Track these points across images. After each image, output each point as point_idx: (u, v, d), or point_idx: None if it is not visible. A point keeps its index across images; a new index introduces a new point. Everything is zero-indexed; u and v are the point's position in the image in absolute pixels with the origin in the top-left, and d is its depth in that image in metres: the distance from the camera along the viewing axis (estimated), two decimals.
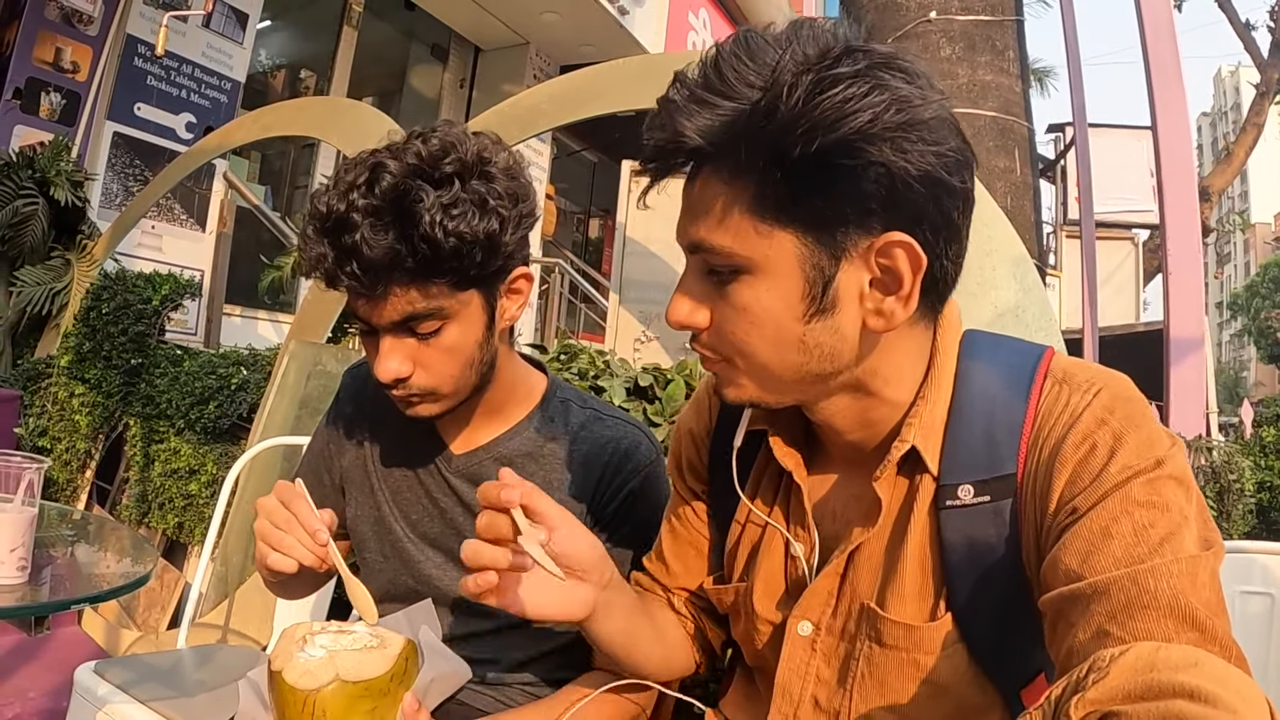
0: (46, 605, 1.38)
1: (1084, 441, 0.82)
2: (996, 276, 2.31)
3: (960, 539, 0.89)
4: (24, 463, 1.39)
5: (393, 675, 0.95)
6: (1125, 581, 0.71)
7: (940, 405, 0.91)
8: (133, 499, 3.96)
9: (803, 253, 0.81)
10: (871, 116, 0.75)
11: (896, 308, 0.83)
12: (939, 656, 0.91)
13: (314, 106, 5.14)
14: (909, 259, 0.81)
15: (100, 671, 1.97)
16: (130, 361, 4.22)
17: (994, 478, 0.88)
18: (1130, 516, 0.75)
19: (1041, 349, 0.94)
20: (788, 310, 0.83)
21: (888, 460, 0.91)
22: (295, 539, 1.07)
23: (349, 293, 1.15)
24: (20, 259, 5.13)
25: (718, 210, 0.83)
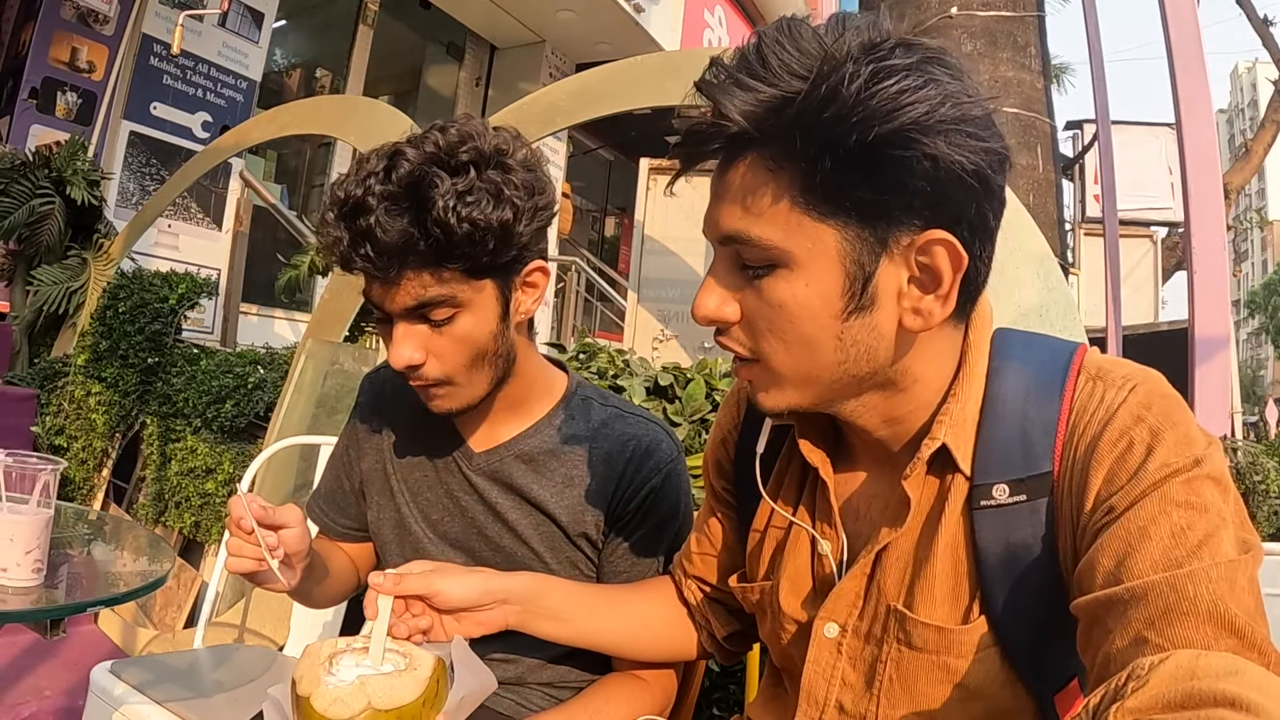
0: (62, 608, 1.37)
1: (1121, 438, 0.80)
2: (1020, 275, 2.28)
3: (995, 540, 0.87)
4: (40, 464, 1.38)
5: (424, 700, 0.93)
6: (1164, 587, 0.69)
7: (972, 404, 0.89)
8: (149, 498, 3.97)
9: (844, 247, 0.79)
10: (927, 110, 0.74)
11: (935, 306, 0.82)
12: (971, 660, 0.89)
13: (330, 105, 5.14)
14: (950, 257, 0.79)
15: (116, 671, 1.97)
16: (147, 360, 4.23)
17: (1030, 476, 0.86)
18: (1168, 518, 0.73)
19: (1074, 345, 0.92)
20: (826, 307, 0.81)
21: (917, 459, 0.89)
22: (241, 540, 1.11)
23: (365, 277, 1.16)
24: (37, 258, 5.15)
25: (758, 200, 0.80)
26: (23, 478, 1.36)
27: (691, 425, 2.30)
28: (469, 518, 1.34)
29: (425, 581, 1.05)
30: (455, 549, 1.35)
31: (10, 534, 1.33)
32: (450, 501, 1.35)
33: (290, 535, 1.14)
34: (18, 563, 1.34)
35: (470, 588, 1.08)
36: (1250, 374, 51.28)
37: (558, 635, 1.17)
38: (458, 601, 1.07)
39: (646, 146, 7.31)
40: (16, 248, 5.22)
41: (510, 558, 1.31)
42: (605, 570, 1.32)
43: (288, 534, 1.14)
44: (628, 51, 3.80)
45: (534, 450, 1.32)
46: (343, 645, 0.98)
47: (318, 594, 1.36)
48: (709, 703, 1.83)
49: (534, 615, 1.14)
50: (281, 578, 1.14)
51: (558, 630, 1.17)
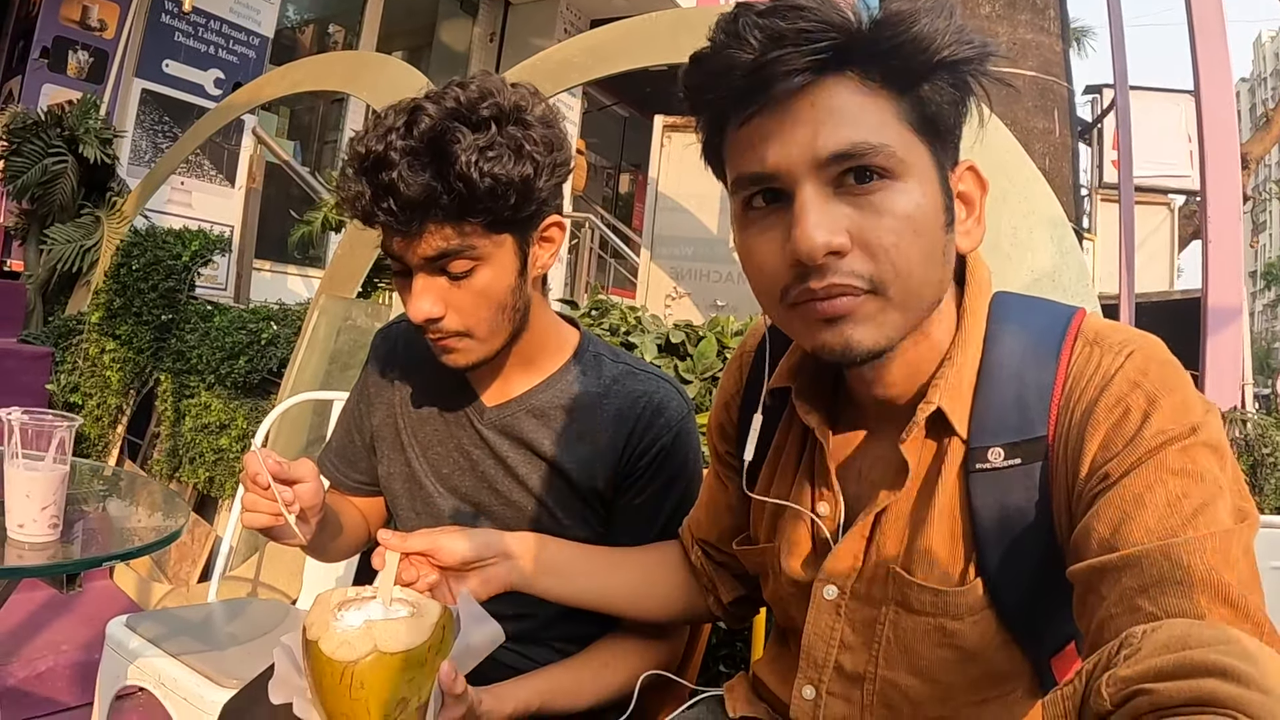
0: (78, 563, 1.39)
1: (1117, 404, 0.80)
2: (1034, 239, 2.27)
3: (990, 503, 0.88)
4: (55, 421, 1.39)
5: (430, 645, 0.94)
6: (1158, 555, 0.69)
7: (968, 367, 0.90)
8: (164, 454, 4.00)
9: (934, 164, 0.83)
10: (990, 41, 0.82)
11: (975, 228, 0.88)
12: (967, 622, 0.90)
13: (343, 61, 5.10)
14: (977, 182, 0.88)
15: (132, 625, 2.00)
16: (161, 317, 4.25)
17: (1024, 440, 0.86)
18: (1164, 485, 0.73)
19: (1073, 310, 0.92)
20: (937, 219, 0.82)
21: (913, 423, 0.90)
22: (257, 495, 1.12)
23: (385, 231, 1.17)
24: (50, 217, 5.15)
25: (866, 114, 0.80)
26: (39, 434, 1.38)
27: (703, 383, 2.30)
28: (479, 472, 1.34)
29: (429, 538, 1.07)
30: (465, 503, 1.35)
31: (26, 490, 1.35)
32: (461, 455, 1.36)
33: (305, 489, 1.15)
34: (34, 518, 1.36)
35: (472, 540, 1.10)
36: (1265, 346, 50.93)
37: (561, 592, 1.18)
38: (459, 555, 1.08)
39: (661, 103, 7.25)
40: (30, 207, 5.23)
41: (520, 512, 1.32)
42: (614, 527, 1.33)
43: (302, 488, 1.15)
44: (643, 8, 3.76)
45: (545, 405, 1.32)
46: (352, 594, 0.98)
47: (330, 548, 1.38)
48: (716, 659, 1.84)
49: (537, 571, 1.15)
50: (298, 532, 1.15)
51: (561, 587, 1.18)
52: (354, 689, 0.88)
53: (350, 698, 0.89)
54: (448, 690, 0.95)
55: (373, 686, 0.89)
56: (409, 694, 0.92)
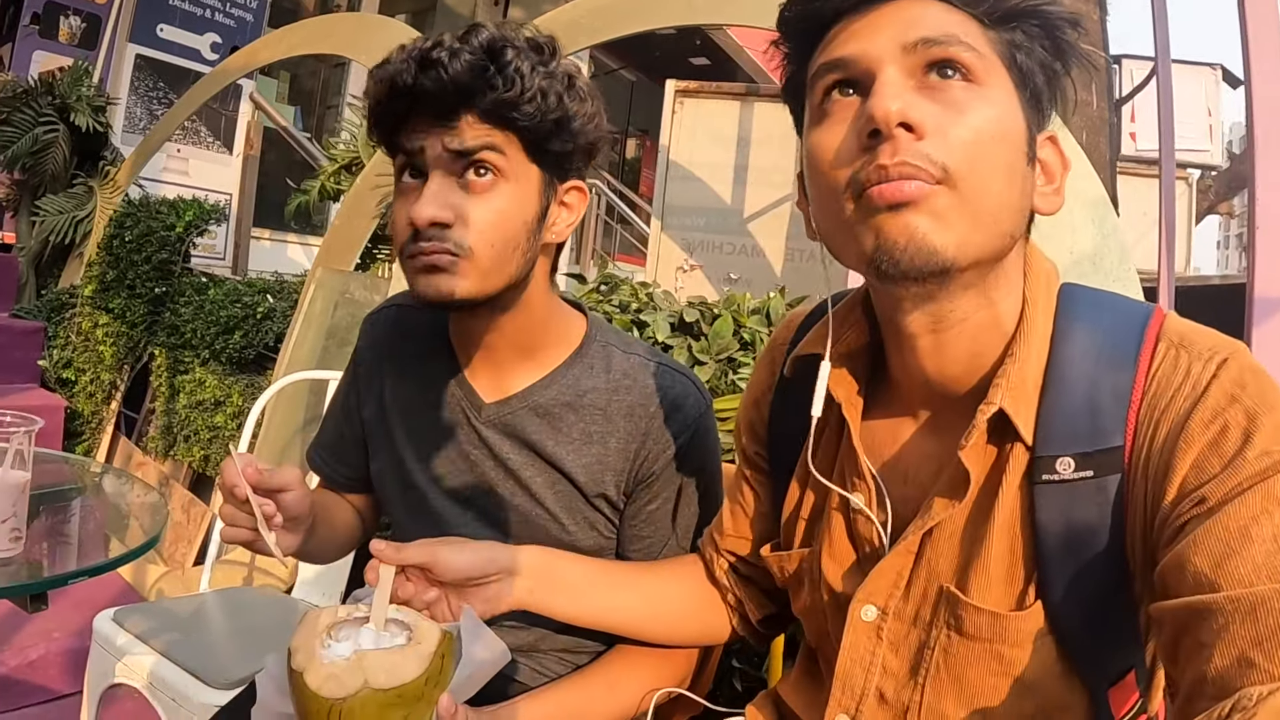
0: (39, 583, 1.29)
1: (1214, 420, 0.73)
2: (1074, 219, 2.16)
3: (1056, 518, 0.81)
4: (13, 424, 1.28)
5: (428, 677, 0.86)
6: (1276, 604, 0.61)
7: (1033, 365, 0.83)
8: (159, 431, 3.98)
9: (1019, 100, 0.79)
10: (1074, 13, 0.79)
11: (1054, 198, 0.83)
12: (1026, 650, 0.83)
13: (343, 24, 5.00)
14: (1059, 157, 0.83)
15: (119, 620, 1.96)
16: (155, 290, 4.21)
17: (1098, 450, 0.79)
18: (1272, 518, 0.66)
19: (1150, 307, 0.85)
20: (1019, 140, 0.79)
21: (973, 426, 0.82)
22: (235, 508, 1.05)
23: (415, 119, 1.09)
24: (42, 187, 5.13)
25: (957, 24, 0.79)
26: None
27: (718, 364, 2.20)
28: (479, 473, 1.25)
29: (427, 550, 1.00)
30: (463, 507, 1.27)
31: None
32: (458, 456, 1.26)
33: (289, 499, 1.07)
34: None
35: (475, 555, 1.03)
36: None
37: (571, 612, 1.12)
38: (460, 570, 1.01)
39: (671, 67, 7.13)
40: (21, 177, 5.20)
41: (524, 518, 1.23)
42: (626, 534, 1.25)
43: (286, 498, 1.07)
44: None
45: (549, 402, 1.23)
46: (344, 614, 0.91)
47: (319, 553, 1.31)
48: (731, 676, 1.77)
49: (545, 589, 1.09)
50: (276, 551, 1.07)
51: (572, 606, 1.11)
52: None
53: None
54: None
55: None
56: None
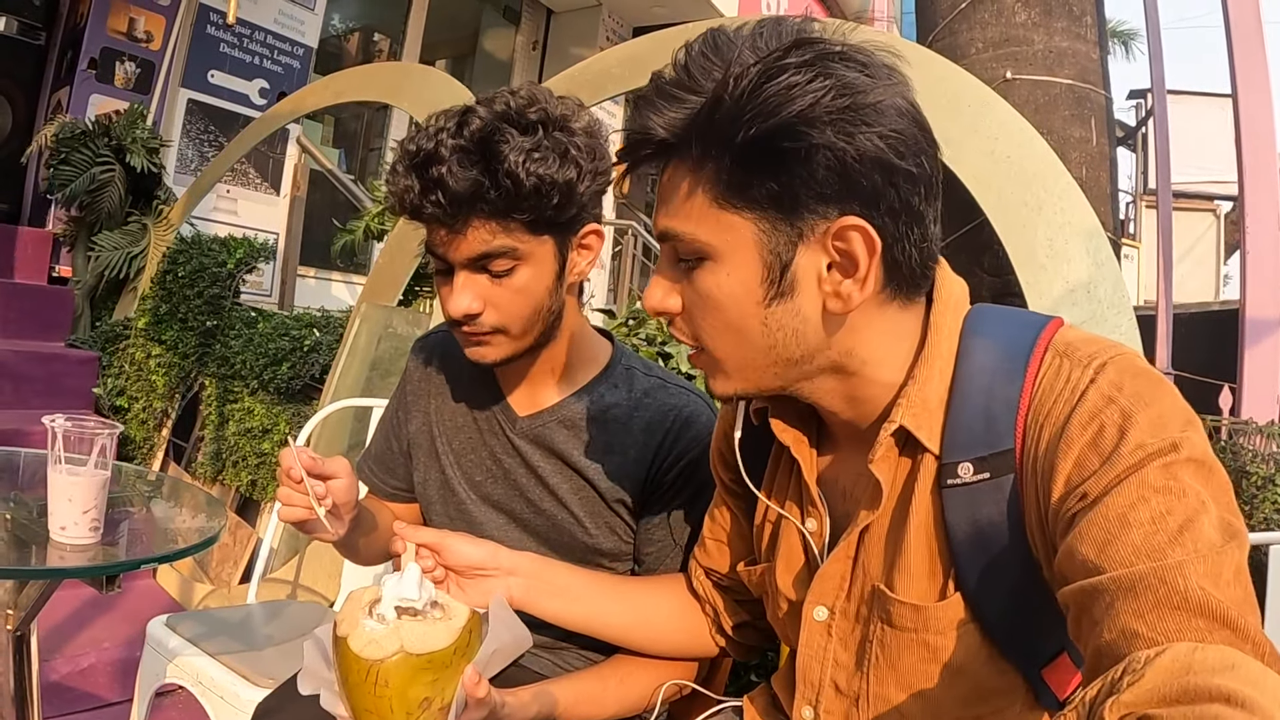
0: (116, 565, 1.43)
1: (1091, 421, 0.79)
2: (1069, 250, 2.25)
3: (963, 518, 0.88)
4: (97, 428, 1.43)
5: (456, 648, 0.96)
6: (1151, 579, 0.67)
7: (935, 383, 0.90)
8: (207, 457, 4.06)
9: (761, 238, 0.84)
10: (812, 101, 0.78)
11: (853, 290, 0.85)
12: (950, 637, 0.91)
13: (384, 72, 5.16)
14: (864, 242, 0.83)
15: (172, 625, 2.03)
16: (206, 323, 4.31)
17: (992, 454, 0.86)
18: (1147, 504, 0.72)
19: (1047, 320, 0.92)
20: (748, 294, 0.86)
21: (879, 442, 0.91)
22: (291, 489, 1.16)
23: (430, 227, 1.22)
24: (98, 224, 5.22)
25: (681, 199, 0.87)
26: (81, 440, 1.42)
27: None
28: (511, 480, 1.36)
29: (439, 535, 1.14)
30: (497, 510, 1.38)
31: (69, 494, 1.39)
32: (494, 464, 1.38)
33: (338, 485, 1.18)
34: (75, 521, 1.40)
35: (479, 549, 1.17)
36: None
37: (561, 615, 1.21)
38: (464, 558, 1.15)
39: None
40: (78, 214, 5.31)
41: (551, 521, 1.34)
42: (641, 539, 1.34)
43: (336, 484, 1.18)
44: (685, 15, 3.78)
45: (576, 416, 1.34)
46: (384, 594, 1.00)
47: (364, 548, 1.40)
48: (749, 669, 1.84)
49: (538, 590, 1.19)
50: (329, 526, 1.18)
51: (562, 609, 1.21)
52: (378, 686, 0.91)
53: (375, 695, 0.91)
54: (470, 693, 0.97)
55: (397, 685, 0.91)
56: (432, 694, 0.94)
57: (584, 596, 1.23)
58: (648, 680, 1.27)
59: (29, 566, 1.38)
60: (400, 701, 0.92)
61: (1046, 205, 2.31)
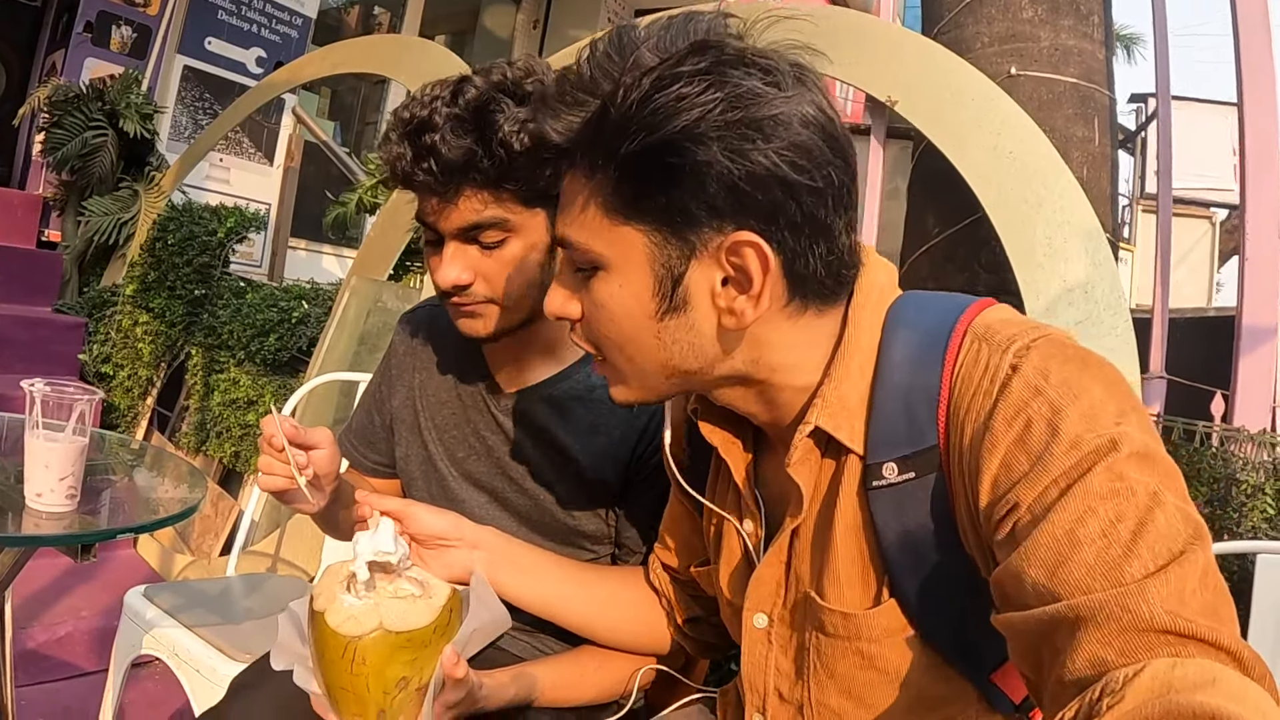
0: (91, 534, 1.41)
1: (1016, 416, 0.73)
2: (1068, 249, 2.24)
3: (892, 521, 0.84)
4: (77, 393, 1.41)
5: (436, 627, 0.95)
6: (1114, 607, 0.62)
7: (855, 380, 0.86)
8: (192, 427, 4.04)
9: (652, 251, 0.82)
10: (700, 115, 0.75)
11: (747, 307, 0.82)
12: (887, 645, 0.87)
13: (383, 45, 5.12)
14: (758, 259, 0.79)
15: (150, 596, 2.02)
16: (194, 292, 4.29)
17: (916, 452, 0.82)
18: (1095, 515, 0.66)
19: (969, 301, 0.86)
20: (640, 307, 0.84)
21: (794, 445, 0.87)
22: (272, 458, 1.14)
23: (421, 195, 1.19)
24: (89, 189, 5.21)
25: (576, 207, 0.85)
26: (59, 406, 1.39)
27: None
28: (494, 457, 1.35)
29: (403, 504, 1.12)
30: (479, 489, 1.36)
31: (45, 460, 1.36)
32: (476, 440, 1.36)
33: (320, 456, 1.17)
34: (52, 488, 1.38)
35: (443, 520, 1.14)
36: None
37: (523, 594, 1.19)
38: (427, 527, 1.12)
39: None
40: (69, 179, 5.29)
41: (533, 500, 1.32)
42: (621, 523, 1.33)
43: (318, 454, 1.17)
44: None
45: (562, 395, 1.32)
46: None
47: (343, 522, 1.38)
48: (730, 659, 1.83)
49: (502, 567, 1.17)
50: (309, 497, 1.17)
51: (520, 588, 1.18)
52: (355, 664, 0.89)
53: (351, 673, 0.90)
54: (449, 674, 0.95)
55: (374, 664, 0.90)
56: (410, 674, 0.92)
57: (546, 578, 1.21)
58: (627, 665, 1.25)
59: (3, 533, 1.36)
60: (377, 680, 0.90)
61: (1046, 203, 2.30)
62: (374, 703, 0.91)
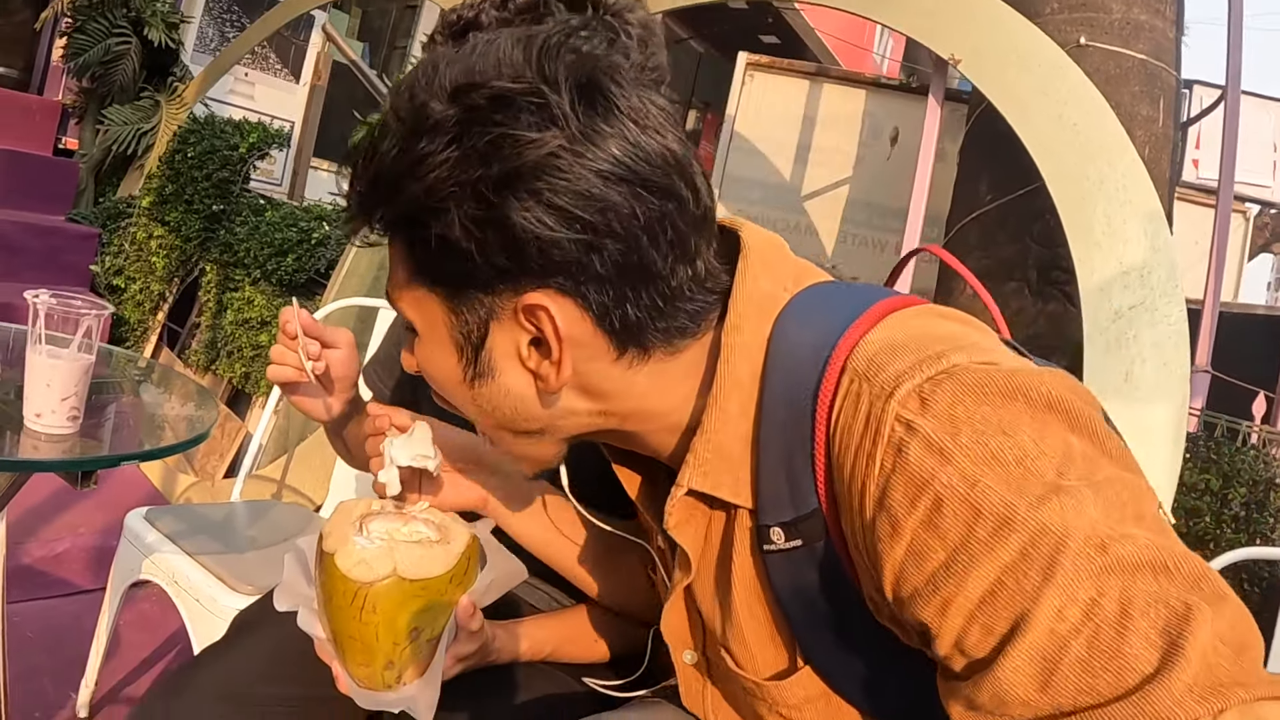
0: (91, 461, 1.33)
1: (921, 493, 0.58)
2: (1127, 230, 2.15)
3: (788, 585, 0.74)
4: (85, 307, 1.32)
5: (452, 576, 0.88)
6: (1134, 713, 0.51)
7: (734, 426, 0.73)
8: (202, 345, 4.02)
9: (449, 317, 0.73)
10: (434, 179, 0.65)
11: (550, 372, 0.71)
12: (813, 709, 0.78)
13: None
14: (548, 320, 0.68)
15: (151, 519, 1.98)
16: (212, 207, 4.23)
17: (799, 518, 0.70)
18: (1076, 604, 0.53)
19: (859, 310, 0.70)
20: (451, 374, 0.76)
21: (668, 510, 0.77)
22: (285, 347, 1.09)
23: None
24: (110, 98, 5.13)
25: (394, 269, 0.76)
26: (65, 319, 1.30)
27: None
28: None
29: (416, 416, 1.00)
30: None
31: (47, 378, 1.28)
32: None
33: (337, 355, 1.12)
34: (53, 409, 1.30)
35: (465, 437, 1.02)
36: None
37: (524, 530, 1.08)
38: (445, 441, 1.00)
39: (740, 41, 7.05)
40: (90, 86, 5.21)
41: None
42: None
43: (334, 354, 1.12)
44: None
45: None
46: (378, 507, 0.92)
47: (355, 446, 1.30)
48: None
49: (510, 496, 1.06)
50: (321, 390, 1.12)
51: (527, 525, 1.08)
52: (365, 612, 0.83)
53: (360, 620, 0.84)
54: (464, 625, 0.91)
55: (385, 612, 0.84)
56: (422, 625, 0.87)
57: (558, 522, 1.11)
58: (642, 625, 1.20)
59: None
60: (387, 630, 0.84)
61: (1109, 180, 2.21)
62: (382, 653, 0.85)
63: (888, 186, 4.11)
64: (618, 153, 0.66)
